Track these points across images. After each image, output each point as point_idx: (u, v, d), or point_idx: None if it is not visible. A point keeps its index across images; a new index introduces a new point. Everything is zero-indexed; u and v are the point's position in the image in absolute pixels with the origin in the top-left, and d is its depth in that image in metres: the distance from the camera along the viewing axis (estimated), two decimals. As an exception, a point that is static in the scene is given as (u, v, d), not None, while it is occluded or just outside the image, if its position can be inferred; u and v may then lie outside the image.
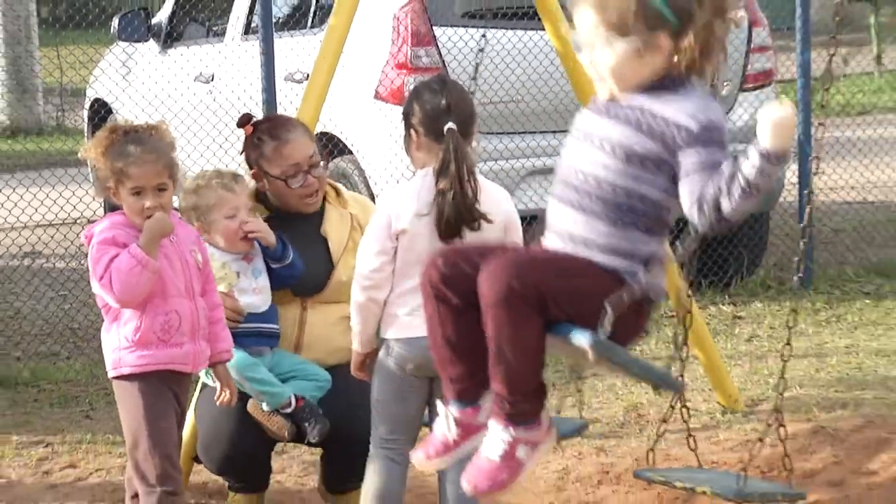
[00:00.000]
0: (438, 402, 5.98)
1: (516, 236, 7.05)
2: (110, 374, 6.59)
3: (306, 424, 7.24)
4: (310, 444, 7.49)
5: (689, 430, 7.33)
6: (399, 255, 6.83)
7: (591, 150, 5.53)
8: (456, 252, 5.85)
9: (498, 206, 6.97)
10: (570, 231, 5.61)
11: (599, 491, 8.12)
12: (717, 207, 5.26)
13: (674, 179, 5.42)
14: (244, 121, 7.72)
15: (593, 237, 5.55)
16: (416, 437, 7.03)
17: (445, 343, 5.76)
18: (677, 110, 5.41)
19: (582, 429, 7.00)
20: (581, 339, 5.47)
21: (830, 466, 7.97)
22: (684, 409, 7.42)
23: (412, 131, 6.94)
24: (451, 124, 6.79)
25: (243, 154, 7.75)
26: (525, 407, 5.57)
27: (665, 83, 5.50)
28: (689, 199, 5.33)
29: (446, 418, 5.82)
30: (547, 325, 5.52)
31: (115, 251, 6.35)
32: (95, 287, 6.54)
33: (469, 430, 5.76)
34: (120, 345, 6.49)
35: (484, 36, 8.62)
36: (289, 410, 7.24)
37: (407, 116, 6.99)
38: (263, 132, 7.63)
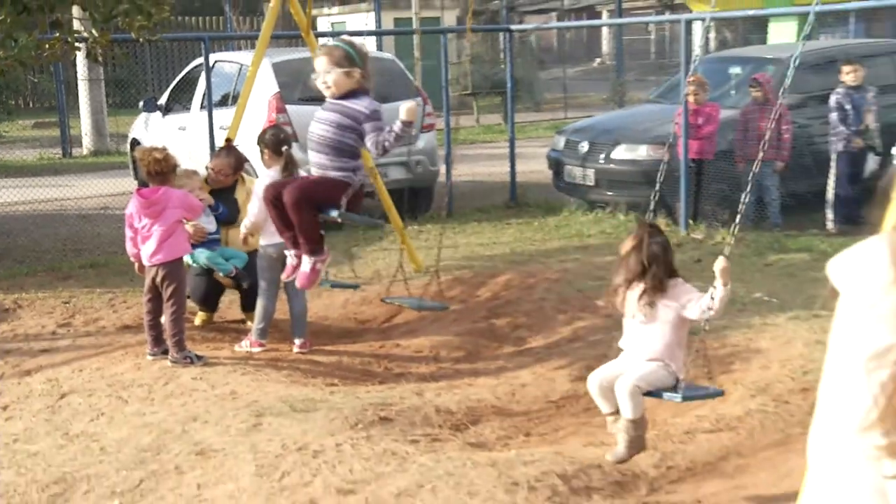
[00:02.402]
0: (287, 252, 6.27)
1: None
2: (168, 258, 6.56)
3: (241, 280, 7.22)
4: (243, 288, 7.39)
5: (404, 280, 7.26)
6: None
7: (322, 125, 5.86)
8: (272, 186, 6.10)
9: None
10: (318, 163, 5.88)
11: (362, 307, 8.03)
12: (383, 146, 5.69)
13: (360, 134, 5.76)
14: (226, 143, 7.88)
15: (328, 163, 5.82)
16: (279, 286, 6.96)
17: (280, 225, 6.05)
18: (361, 105, 5.78)
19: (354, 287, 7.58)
20: (333, 212, 5.88)
21: (464, 294, 7.92)
22: (401, 270, 7.34)
23: (266, 151, 6.96)
24: (285, 147, 6.87)
25: None
26: (316, 247, 5.94)
27: (354, 92, 5.82)
28: (370, 142, 5.72)
29: (289, 256, 6.19)
30: (318, 209, 5.91)
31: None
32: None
33: (298, 260, 6.06)
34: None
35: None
36: (232, 274, 7.16)
37: (263, 143, 6.98)
38: None
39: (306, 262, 6.00)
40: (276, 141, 6.99)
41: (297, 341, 6.99)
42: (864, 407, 1.12)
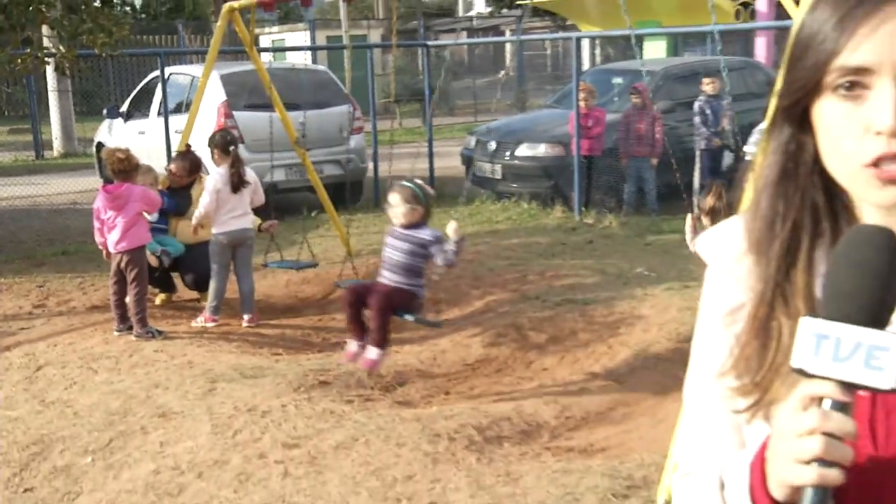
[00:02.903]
0: (350, 341, 5.86)
1: (259, 189, 7.02)
2: (131, 246, 6.47)
3: (162, 258, 7.10)
4: (167, 268, 7.31)
5: (351, 263, 7.16)
6: (218, 200, 6.67)
7: (396, 252, 5.58)
8: (355, 288, 5.84)
9: (251, 177, 6.91)
10: (394, 280, 5.52)
11: (302, 286, 7.93)
12: (450, 263, 5.41)
13: (426, 256, 5.54)
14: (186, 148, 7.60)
15: (401, 280, 5.52)
16: (229, 269, 6.87)
17: (353, 320, 5.61)
18: (425, 234, 5.56)
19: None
20: (409, 317, 5.62)
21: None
22: (348, 258, 7.25)
23: (215, 151, 6.87)
24: (232, 147, 6.81)
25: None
26: (384, 342, 5.47)
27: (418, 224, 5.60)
28: (441, 261, 5.44)
29: (351, 344, 5.67)
30: (395, 312, 5.56)
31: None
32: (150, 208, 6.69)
33: (359, 349, 5.54)
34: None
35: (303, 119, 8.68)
36: (157, 253, 7.03)
37: (213, 145, 6.90)
38: None
39: (373, 352, 5.77)
40: (224, 142, 6.90)
41: (246, 316, 6.91)
42: (721, 355, 1.17)
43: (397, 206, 5.70)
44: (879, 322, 0.98)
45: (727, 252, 1.19)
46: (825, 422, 0.96)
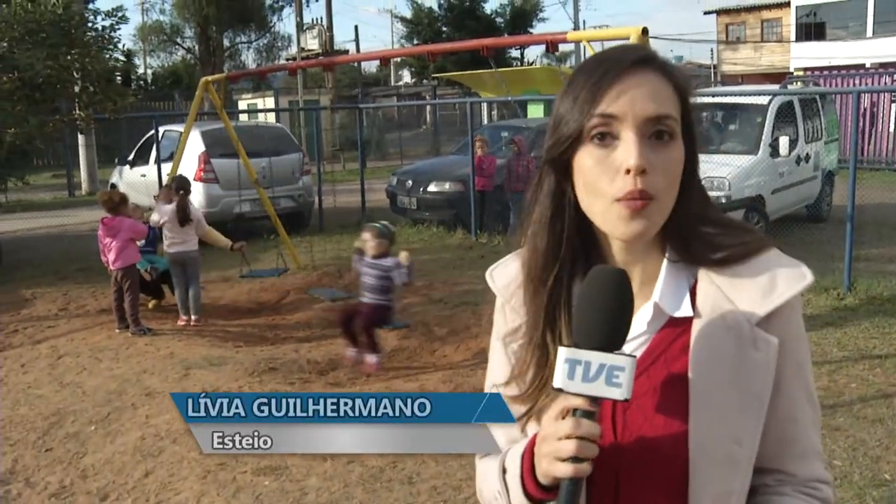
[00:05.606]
0: (348, 348, 5.40)
1: (202, 222, 6.69)
2: (124, 264, 6.32)
3: (151, 272, 6.93)
4: (159, 280, 7.07)
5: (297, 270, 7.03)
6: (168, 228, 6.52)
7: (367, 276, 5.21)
8: (345, 309, 5.47)
9: (196, 215, 6.67)
10: (372, 298, 5.19)
11: (261, 293, 7.74)
12: (405, 282, 5.16)
13: (391, 279, 5.11)
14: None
15: (378, 297, 5.18)
16: (183, 279, 6.70)
17: (345, 333, 5.33)
18: (388, 262, 5.21)
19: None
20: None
21: (329, 281, 7.74)
22: (295, 266, 7.10)
23: (167, 190, 6.71)
24: (182, 192, 6.61)
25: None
26: (376, 348, 5.19)
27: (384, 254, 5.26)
28: (398, 280, 5.08)
29: (349, 351, 5.38)
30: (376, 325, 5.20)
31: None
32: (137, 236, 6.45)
33: (359, 355, 5.30)
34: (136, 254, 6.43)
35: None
36: (148, 270, 6.89)
37: (167, 186, 6.80)
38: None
39: (372, 357, 5.35)
40: (177, 186, 6.74)
41: (193, 317, 6.71)
42: (503, 368, 1.15)
43: (369, 241, 5.34)
44: (616, 345, 0.96)
45: (509, 284, 1.15)
46: (577, 429, 0.94)
